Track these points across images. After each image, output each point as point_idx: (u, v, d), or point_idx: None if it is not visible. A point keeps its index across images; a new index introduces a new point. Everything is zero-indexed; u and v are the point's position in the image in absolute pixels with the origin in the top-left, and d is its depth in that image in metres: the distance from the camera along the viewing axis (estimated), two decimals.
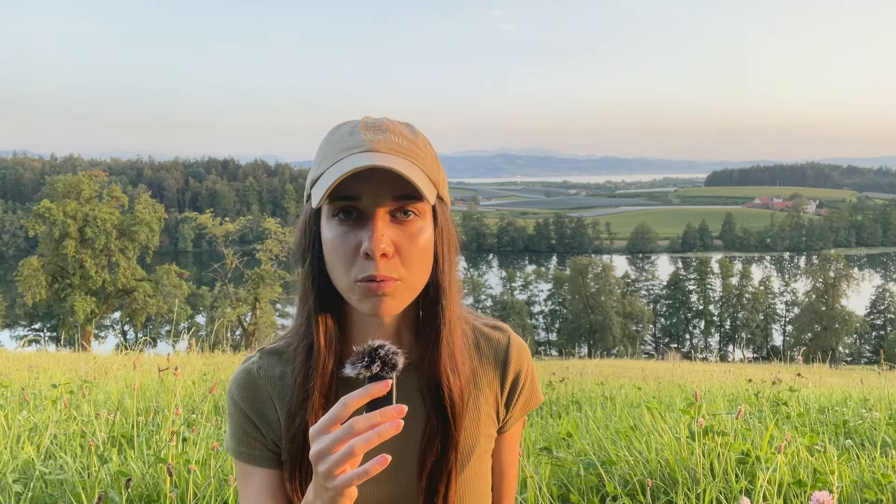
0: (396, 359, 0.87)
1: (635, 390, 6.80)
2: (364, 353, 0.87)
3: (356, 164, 0.92)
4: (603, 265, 62.40)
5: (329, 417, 0.86)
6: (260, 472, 1.11)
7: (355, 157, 0.95)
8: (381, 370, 0.87)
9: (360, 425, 0.83)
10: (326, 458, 0.85)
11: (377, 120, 1.04)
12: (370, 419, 0.84)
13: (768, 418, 3.63)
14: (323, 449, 0.85)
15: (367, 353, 0.87)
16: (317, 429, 0.86)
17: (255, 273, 33.35)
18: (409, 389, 1.08)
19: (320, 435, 0.86)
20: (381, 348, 0.87)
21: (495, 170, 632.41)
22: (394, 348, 0.88)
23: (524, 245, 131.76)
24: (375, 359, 0.87)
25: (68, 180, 38.52)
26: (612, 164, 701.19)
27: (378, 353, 0.87)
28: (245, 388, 1.11)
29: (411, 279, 0.99)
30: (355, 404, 0.85)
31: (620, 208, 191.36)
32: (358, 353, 0.88)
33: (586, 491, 2.77)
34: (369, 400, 0.85)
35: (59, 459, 2.94)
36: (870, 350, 53.98)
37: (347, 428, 0.84)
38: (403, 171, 0.93)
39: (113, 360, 7.95)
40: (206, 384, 5.28)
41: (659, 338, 65.06)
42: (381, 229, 0.95)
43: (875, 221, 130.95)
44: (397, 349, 0.88)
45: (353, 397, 0.85)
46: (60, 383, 4.34)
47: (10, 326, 46.72)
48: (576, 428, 3.89)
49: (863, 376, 9.56)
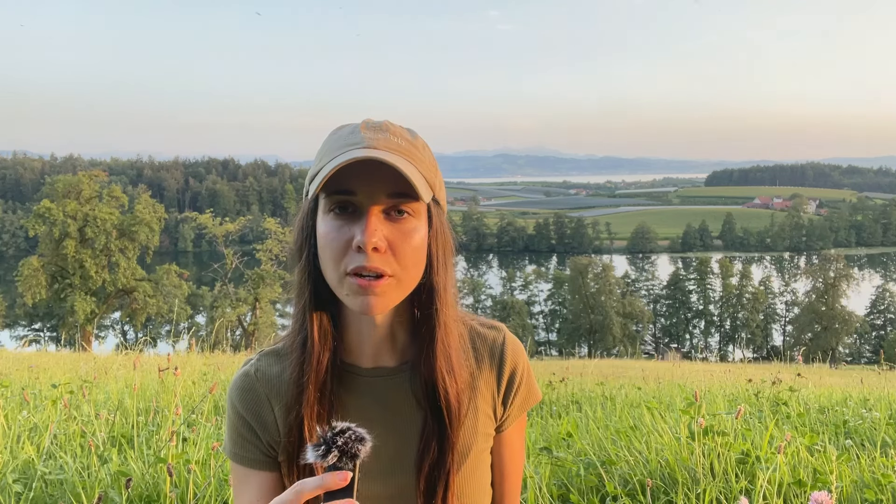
0: (358, 447, 0.80)
1: (635, 390, 6.80)
2: (324, 439, 0.80)
3: (353, 156, 0.94)
4: (603, 265, 62.40)
5: (279, 502, 0.83)
6: (255, 475, 1.12)
7: (353, 152, 0.97)
8: (338, 461, 0.80)
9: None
10: None
11: (378, 121, 1.05)
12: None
13: (768, 418, 3.63)
14: None
15: (326, 440, 0.80)
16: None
17: (255, 273, 33.38)
18: (404, 390, 1.09)
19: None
20: (341, 435, 0.80)
21: (495, 170, 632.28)
22: (359, 433, 0.80)
23: (524, 245, 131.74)
24: (332, 447, 0.79)
25: (68, 180, 38.55)
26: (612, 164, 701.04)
27: (335, 442, 0.79)
28: (242, 391, 1.12)
29: (403, 276, 1.00)
30: (308, 494, 0.82)
31: (620, 208, 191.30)
32: (319, 438, 0.81)
33: (586, 491, 2.77)
34: (325, 492, 0.80)
35: (59, 459, 2.94)
36: (870, 350, 53.95)
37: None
38: (399, 166, 0.94)
39: (113, 360, 7.95)
40: (206, 384, 5.28)
41: (659, 338, 65.05)
42: (374, 224, 0.96)
43: (875, 221, 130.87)
44: (363, 434, 0.80)
45: (308, 485, 0.81)
46: (60, 383, 4.34)
47: (10, 326, 46.68)
48: (576, 428, 3.89)
49: (863, 376, 9.56)
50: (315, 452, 0.80)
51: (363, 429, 0.81)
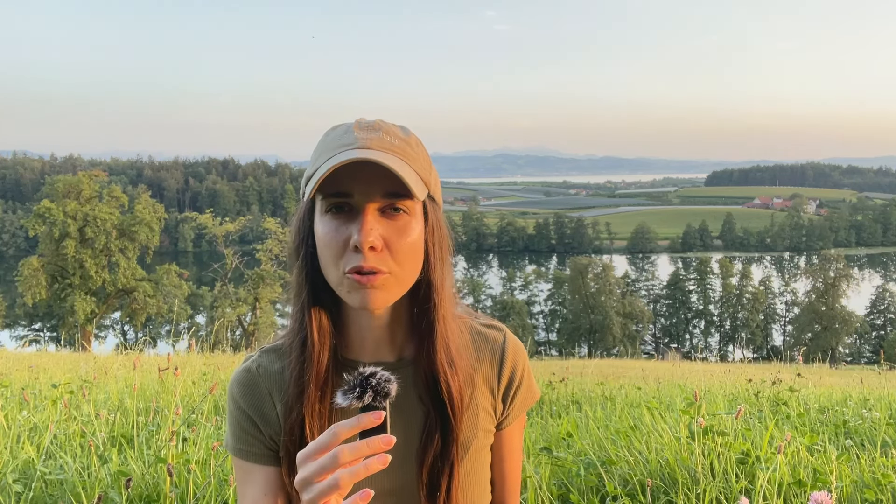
0: (389, 387, 0.83)
1: (635, 390, 6.80)
2: (355, 382, 0.84)
3: (347, 157, 0.96)
4: (603, 265, 62.37)
5: (317, 444, 0.84)
6: (258, 470, 1.12)
7: (347, 153, 0.98)
8: (373, 400, 0.83)
9: (346, 456, 0.81)
10: (311, 486, 0.84)
11: (371, 121, 1.06)
12: (357, 449, 0.82)
13: (768, 418, 3.63)
14: (307, 477, 0.84)
15: (358, 382, 0.83)
16: (304, 454, 0.85)
17: (255, 273, 33.38)
18: (405, 384, 1.10)
19: (307, 461, 0.84)
20: (372, 377, 0.83)
21: (495, 170, 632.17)
22: (386, 375, 0.84)
23: (524, 245, 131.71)
24: (367, 388, 0.83)
25: (68, 180, 38.53)
26: (612, 164, 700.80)
27: (369, 383, 0.83)
28: (244, 385, 1.13)
29: (400, 272, 1.01)
30: (345, 434, 0.83)
31: (620, 208, 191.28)
32: (349, 382, 0.84)
33: (586, 491, 2.77)
34: (361, 430, 0.82)
35: (59, 459, 2.94)
36: (870, 350, 53.95)
37: (333, 458, 0.82)
38: (393, 166, 0.95)
39: (113, 360, 7.94)
40: (206, 384, 5.28)
41: (659, 338, 65.04)
42: (370, 223, 0.98)
43: (875, 221, 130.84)
44: (389, 376, 0.84)
45: (344, 427, 0.83)
46: (60, 383, 4.34)
47: (10, 326, 46.68)
48: (576, 428, 3.89)
49: (863, 376, 9.55)
50: (349, 395, 0.83)
51: (387, 371, 0.85)
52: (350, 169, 0.97)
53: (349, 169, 0.97)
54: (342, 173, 0.97)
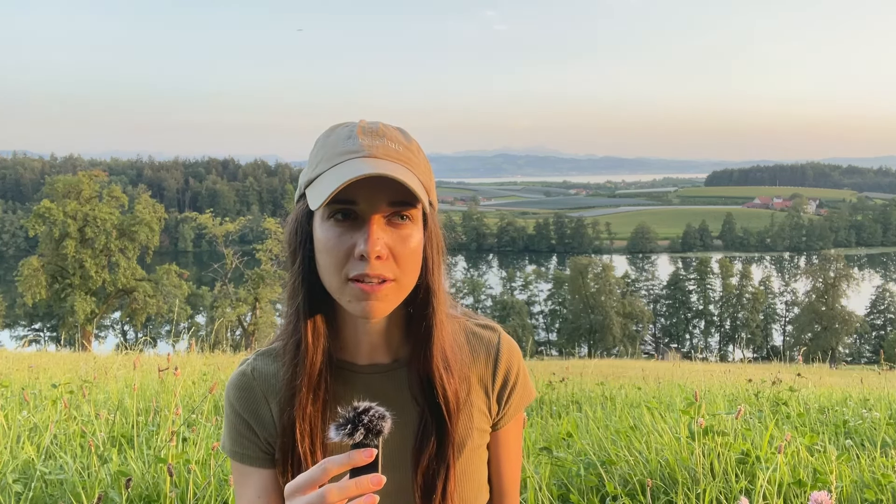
0: (382, 424, 0.82)
1: (635, 390, 6.80)
2: (348, 417, 0.82)
3: (356, 169, 0.95)
4: (603, 265, 62.36)
5: (306, 479, 0.83)
6: (255, 472, 1.13)
7: (355, 163, 0.97)
8: (364, 437, 0.82)
9: (334, 496, 0.81)
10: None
11: (373, 124, 1.05)
12: (345, 489, 0.81)
13: (768, 418, 3.63)
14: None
15: (351, 417, 0.82)
16: (292, 487, 0.84)
17: (255, 273, 33.38)
18: (400, 386, 1.11)
19: (295, 495, 0.84)
20: (365, 413, 0.82)
21: (495, 170, 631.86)
22: (380, 411, 0.83)
23: (524, 245, 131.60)
24: (359, 425, 0.82)
25: (68, 180, 38.52)
26: (612, 164, 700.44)
27: (361, 420, 0.82)
28: (239, 389, 1.14)
29: (404, 280, 1.01)
30: (335, 471, 0.82)
31: (620, 208, 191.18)
32: (342, 416, 0.83)
33: (586, 491, 2.77)
34: (351, 468, 0.81)
35: (59, 459, 2.94)
36: (870, 350, 53.94)
37: (320, 497, 0.81)
38: (404, 179, 0.95)
39: (113, 360, 7.94)
40: (206, 384, 5.28)
41: (659, 338, 65.03)
42: (376, 233, 0.97)
43: (875, 221, 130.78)
44: (384, 412, 0.83)
45: (334, 462, 0.82)
46: (60, 383, 4.34)
47: (10, 326, 46.69)
48: (576, 428, 3.89)
49: (863, 376, 9.55)
50: (340, 431, 0.82)
51: (382, 407, 0.84)
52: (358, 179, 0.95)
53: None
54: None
